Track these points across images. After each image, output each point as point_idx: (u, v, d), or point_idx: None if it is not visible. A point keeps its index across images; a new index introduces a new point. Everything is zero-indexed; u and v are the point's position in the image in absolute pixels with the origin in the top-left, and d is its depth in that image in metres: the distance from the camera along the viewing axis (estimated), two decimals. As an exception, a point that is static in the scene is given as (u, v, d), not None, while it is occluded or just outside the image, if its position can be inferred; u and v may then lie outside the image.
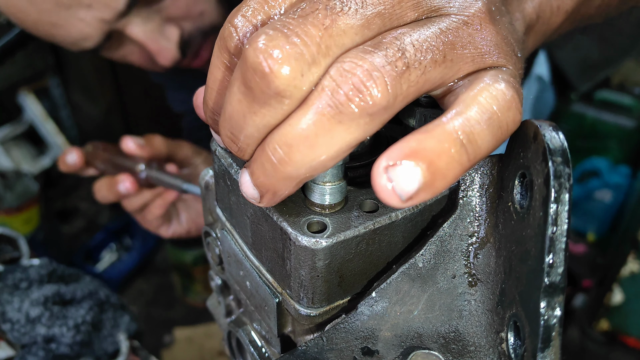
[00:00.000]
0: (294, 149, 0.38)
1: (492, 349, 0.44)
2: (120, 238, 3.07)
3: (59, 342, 0.86)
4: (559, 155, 0.37)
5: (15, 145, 2.83)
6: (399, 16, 0.40)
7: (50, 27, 1.06)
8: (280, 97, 0.37)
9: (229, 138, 0.42)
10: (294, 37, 0.36)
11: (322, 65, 0.37)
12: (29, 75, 2.69)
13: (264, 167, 0.40)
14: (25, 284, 0.91)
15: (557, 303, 0.37)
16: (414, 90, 0.38)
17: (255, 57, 0.36)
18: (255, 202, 0.43)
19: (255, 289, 0.54)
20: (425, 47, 0.39)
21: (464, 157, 0.37)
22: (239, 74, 0.38)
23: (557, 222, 0.37)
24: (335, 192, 0.46)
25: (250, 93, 0.38)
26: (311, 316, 0.49)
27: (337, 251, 0.45)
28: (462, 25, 0.41)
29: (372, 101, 0.36)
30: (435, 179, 0.36)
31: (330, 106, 0.37)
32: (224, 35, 0.41)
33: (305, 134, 0.37)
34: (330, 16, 0.37)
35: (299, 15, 0.37)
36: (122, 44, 1.17)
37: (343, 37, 0.38)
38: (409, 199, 0.36)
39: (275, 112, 0.38)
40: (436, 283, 0.47)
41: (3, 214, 2.37)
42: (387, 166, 0.35)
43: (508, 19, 0.48)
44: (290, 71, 0.36)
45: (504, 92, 0.39)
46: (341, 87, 0.36)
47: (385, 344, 0.46)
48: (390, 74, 0.37)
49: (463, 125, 0.37)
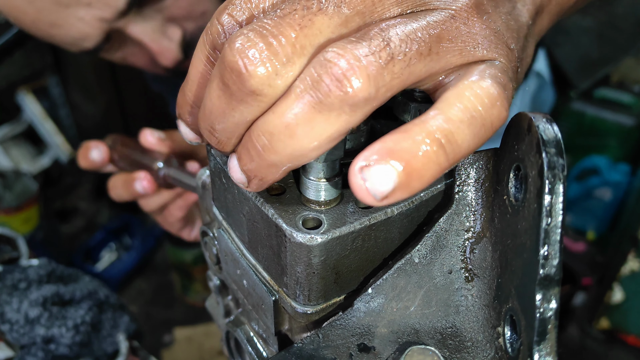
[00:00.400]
0: (276, 138, 0.39)
1: (489, 344, 0.44)
2: (119, 237, 3.07)
3: (58, 342, 0.86)
4: (552, 147, 0.37)
5: (14, 144, 2.83)
6: (380, 13, 0.41)
7: (49, 27, 1.04)
8: (256, 95, 0.38)
9: (209, 131, 0.43)
10: (270, 37, 0.37)
11: (297, 64, 0.38)
12: (28, 75, 2.70)
13: (250, 154, 0.41)
14: (24, 285, 0.90)
15: (552, 295, 0.37)
16: (398, 82, 0.38)
17: (232, 57, 0.37)
18: (244, 186, 0.44)
19: (252, 288, 0.54)
20: (410, 39, 0.39)
21: (442, 157, 0.37)
22: (217, 71, 0.39)
23: (551, 214, 0.36)
24: (330, 188, 0.46)
25: (227, 90, 0.39)
26: (308, 313, 0.48)
27: (333, 247, 0.45)
28: (448, 18, 0.41)
29: (353, 92, 0.36)
30: (411, 179, 0.36)
31: (310, 95, 0.37)
32: (210, 31, 0.42)
33: (286, 122, 0.38)
34: (307, 16, 0.38)
35: (277, 16, 0.38)
36: (123, 45, 1.15)
37: (319, 36, 0.39)
38: (384, 198, 0.36)
39: (252, 108, 0.39)
40: (433, 279, 0.47)
41: (2, 213, 2.37)
42: (362, 167, 0.36)
43: (507, 9, 0.47)
44: (265, 70, 0.37)
45: (488, 90, 0.39)
46: (322, 77, 0.37)
47: (381, 340, 0.46)
48: (373, 65, 0.37)
49: (443, 124, 0.37)
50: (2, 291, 0.89)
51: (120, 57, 1.19)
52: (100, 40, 1.06)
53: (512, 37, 0.46)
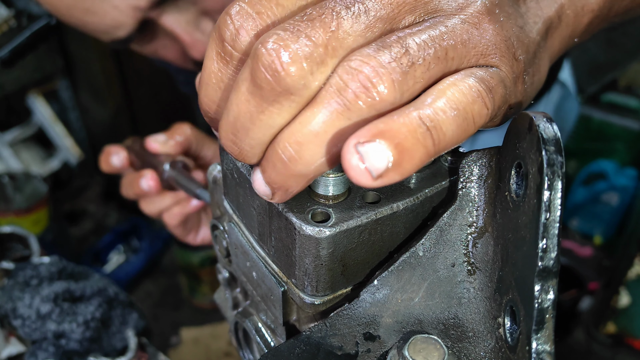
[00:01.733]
0: (304, 147, 0.39)
1: (489, 334, 0.45)
2: (128, 240, 3.08)
3: (68, 338, 0.87)
4: (552, 145, 0.38)
5: (24, 147, 2.85)
6: (398, 20, 0.42)
7: (84, 14, 1.04)
8: (290, 94, 0.39)
9: (231, 140, 0.43)
10: (303, 38, 0.38)
11: (329, 65, 0.39)
12: (39, 78, 2.72)
13: (275, 166, 0.41)
14: (35, 281, 0.92)
15: (550, 286, 0.38)
16: (420, 86, 0.40)
17: (267, 56, 0.38)
18: (267, 198, 0.44)
19: (262, 279, 0.56)
20: (428, 45, 0.40)
21: (429, 141, 0.38)
22: (247, 73, 0.39)
23: (550, 209, 0.38)
24: (338, 184, 0.47)
25: (259, 92, 0.39)
26: (315, 304, 0.50)
27: (340, 240, 0.46)
28: (461, 23, 0.43)
29: (379, 97, 0.38)
30: (403, 158, 0.37)
31: (338, 103, 0.38)
32: (220, 24, 0.42)
33: (315, 131, 0.39)
34: (337, 20, 0.39)
35: (307, 19, 0.39)
36: (155, 37, 1.15)
37: (348, 39, 0.40)
38: (379, 176, 0.37)
39: (283, 112, 0.40)
40: (436, 271, 0.48)
41: (12, 215, 2.39)
42: (356, 143, 0.37)
43: (519, 23, 0.49)
44: (300, 69, 0.38)
45: (470, 86, 0.41)
46: (348, 84, 0.38)
47: (386, 330, 0.47)
48: (396, 71, 0.38)
49: (429, 112, 0.39)
50: (14, 288, 0.91)
51: (152, 50, 1.19)
52: (134, 29, 1.06)
53: (522, 49, 0.48)
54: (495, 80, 0.43)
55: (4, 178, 2.44)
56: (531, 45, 0.50)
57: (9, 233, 1.12)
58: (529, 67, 0.50)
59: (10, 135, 2.76)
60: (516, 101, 0.48)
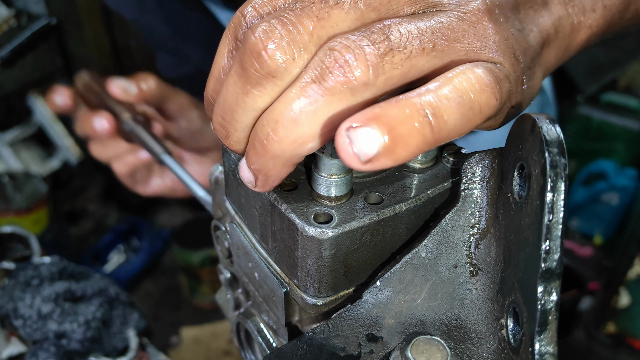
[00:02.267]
0: (279, 124, 0.41)
1: (492, 335, 0.45)
2: (128, 240, 3.08)
3: (69, 338, 0.87)
4: (555, 147, 0.38)
5: (24, 147, 2.85)
6: (395, 11, 0.43)
7: None
8: (272, 77, 0.40)
9: (220, 124, 0.45)
10: (289, 25, 0.40)
11: (312, 51, 0.41)
12: (39, 78, 2.71)
13: (255, 148, 0.43)
14: (36, 281, 0.92)
15: (553, 288, 0.38)
16: (398, 72, 0.41)
17: (253, 39, 0.40)
18: (251, 186, 0.45)
19: (264, 280, 0.56)
20: (413, 35, 0.41)
21: (427, 129, 0.39)
22: (237, 57, 0.42)
23: (553, 210, 0.38)
24: (341, 185, 0.47)
25: (244, 74, 0.41)
26: (318, 305, 0.50)
27: (343, 241, 0.46)
28: (457, 19, 0.44)
29: (353, 76, 0.39)
30: (396, 145, 0.38)
31: (314, 82, 0.39)
32: (234, 23, 0.44)
33: (290, 108, 0.40)
34: (325, 9, 0.41)
35: (297, 8, 0.41)
36: None
37: (335, 28, 0.41)
38: (369, 161, 0.37)
39: (265, 94, 0.41)
40: (438, 272, 0.48)
41: (13, 215, 2.39)
42: (349, 127, 0.37)
43: (517, 26, 0.49)
44: (283, 53, 0.40)
45: (479, 76, 0.41)
46: (324, 62, 0.39)
47: (389, 331, 0.47)
48: (372, 54, 0.39)
49: (431, 99, 0.39)
50: (15, 288, 0.91)
51: None
52: None
53: (521, 51, 0.48)
54: (502, 73, 0.44)
55: (4, 178, 2.44)
56: (529, 50, 0.50)
57: (9, 233, 1.12)
58: (527, 70, 0.50)
59: (10, 135, 2.76)
60: (517, 101, 0.48)
